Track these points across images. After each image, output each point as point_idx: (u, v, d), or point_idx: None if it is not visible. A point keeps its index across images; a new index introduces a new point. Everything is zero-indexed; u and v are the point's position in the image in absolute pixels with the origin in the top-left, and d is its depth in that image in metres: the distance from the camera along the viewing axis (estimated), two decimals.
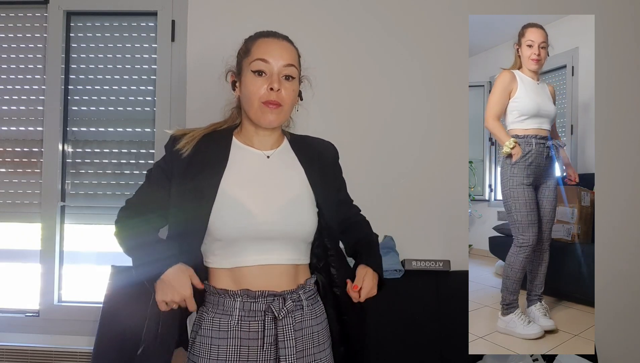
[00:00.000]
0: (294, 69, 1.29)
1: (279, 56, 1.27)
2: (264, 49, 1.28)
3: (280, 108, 1.27)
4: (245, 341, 1.22)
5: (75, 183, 2.26)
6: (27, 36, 2.27)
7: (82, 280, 2.25)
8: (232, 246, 1.24)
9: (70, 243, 2.25)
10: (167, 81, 2.21)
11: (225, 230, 1.22)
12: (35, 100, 2.26)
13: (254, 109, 1.28)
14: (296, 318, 1.26)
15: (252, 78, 1.27)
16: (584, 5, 2.17)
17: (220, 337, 1.22)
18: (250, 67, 1.27)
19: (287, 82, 1.28)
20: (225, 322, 1.23)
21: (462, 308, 1.92)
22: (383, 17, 2.18)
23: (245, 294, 1.23)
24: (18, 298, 2.27)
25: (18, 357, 2.12)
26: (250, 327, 1.23)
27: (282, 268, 1.26)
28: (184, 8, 2.20)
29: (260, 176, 1.29)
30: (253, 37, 1.34)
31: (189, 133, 1.33)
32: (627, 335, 2.12)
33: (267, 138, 1.34)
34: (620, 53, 2.16)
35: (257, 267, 1.24)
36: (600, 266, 2.07)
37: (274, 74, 1.26)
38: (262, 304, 1.23)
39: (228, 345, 1.22)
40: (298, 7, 2.18)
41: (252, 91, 1.27)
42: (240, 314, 1.23)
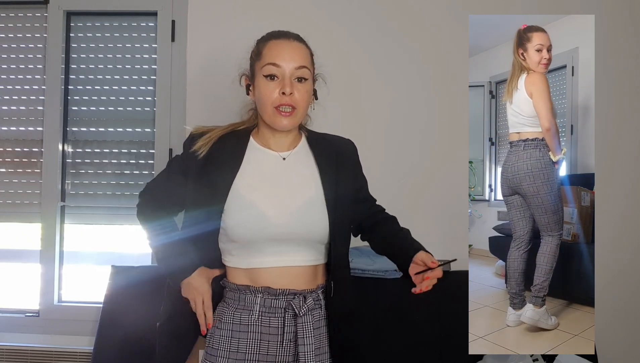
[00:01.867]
0: (307, 70, 1.29)
1: (290, 58, 1.27)
2: (275, 52, 1.27)
3: (295, 112, 1.27)
4: (266, 336, 1.24)
5: (75, 183, 2.26)
6: (27, 36, 2.27)
7: (82, 280, 2.25)
8: (248, 247, 1.25)
9: (70, 243, 2.25)
10: (167, 81, 2.21)
11: (240, 231, 1.23)
12: (35, 100, 2.26)
13: (268, 114, 1.28)
14: (315, 316, 1.27)
15: (264, 82, 1.27)
16: (584, 5, 2.17)
17: (241, 331, 1.24)
18: (262, 71, 1.27)
19: (299, 84, 1.27)
20: (245, 316, 1.24)
21: (462, 308, 1.92)
22: (383, 17, 2.18)
23: (266, 291, 1.24)
24: (18, 298, 2.27)
25: (18, 357, 2.12)
26: (270, 323, 1.24)
27: (300, 269, 1.27)
28: (184, 8, 2.20)
29: (275, 178, 1.30)
30: (264, 38, 1.33)
31: (207, 134, 1.33)
32: (627, 335, 2.13)
33: (283, 139, 1.34)
34: (620, 53, 2.16)
35: (275, 269, 1.25)
36: (600, 266, 2.07)
37: (285, 77, 1.26)
38: (283, 301, 1.24)
39: (248, 339, 1.23)
40: (298, 8, 2.18)
41: (265, 95, 1.26)
42: (261, 310, 1.24)
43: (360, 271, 1.97)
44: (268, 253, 1.25)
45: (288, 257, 1.26)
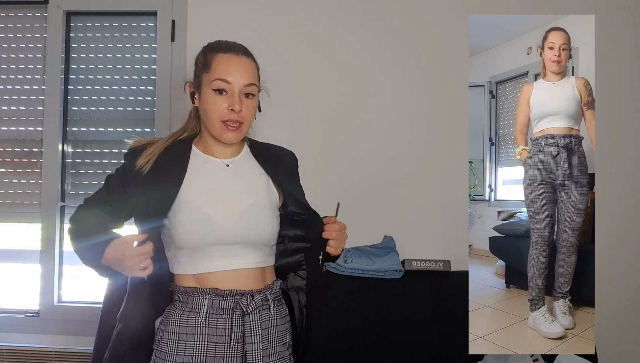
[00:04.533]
0: (254, 87, 1.30)
1: (240, 75, 1.27)
2: (224, 67, 1.27)
3: (241, 126, 1.29)
4: (213, 337, 1.24)
5: (75, 183, 2.26)
6: (27, 36, 2.27)
7: (82, 280, 2.25)
8: (196, 253, 1.26)
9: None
10: (167, 81, 2.21)
11: (187, 236, 1.24)
12: (35, 100, 2.26)
13: (214, 128, 1.29)
14: (263, 316, 1.27)
15: (213, 96, 1.27)
16: (584, 5, 2.17)
17: (188, 333, 1.24)
18: (210, 85, 1.27)
19: (247, 100, 1.29)
20: (192, 318, 1.24)
21: (462, 308, 1.92)
22: (383, 17, 2.18)
23: (213, 292, 1.25)
24: (18, 298, 2.27)
25: (18, 357, 2.12)
26: (217, 324, 1.25)
27: (247, 271, 1.29)
28: (184, 8, 2.20)
29: (219, 184, 1.31)
30: (212, 49, 1.32)
31: (149, 148, 1.32)
32: (627, 334, 2.12)
33: (226, 148, 1.36)
34: (620, 53, 2.16)
35: (223, 272, 1.27)
36: (600, 266, 2.07)
37: (235, 94, 1.26)
38: (231, 302, 1.25)
39: (195, 341, 1.23)
40: (297, 7, 2.18)
41: (212, 110, 1.27)
42: (208, 312, 1.25)
43: (360, 271, 1.97)
44: (215, 257, 1.26)
45: (235, 260, 1.27)
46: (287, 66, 2.15)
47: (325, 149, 2.15)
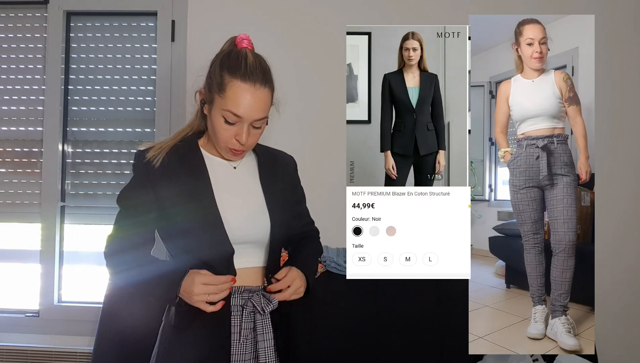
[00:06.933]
0: (265, 119, 1.28)
1: (254, 112, 1.23)
2: (239, 100, 1.22)
3: (245, 152, 1.32)
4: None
5: (75, 183, 2.26)
6: (27, 36, 2.27)
7: (82, 280, 2.25)
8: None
9: (70, 243, 2.25)
10: (167, 81, 2.21)
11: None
12: (35, 100, 2.26)
13: (219, 147, 1.31)
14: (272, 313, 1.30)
15: (221, 123, 1.25)
16: (584, 5, 2.17)
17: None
18: (221, 112, 1.24)
19: (254, 130, 1.28)
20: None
21: (462, 308, 1.92)
22: (383, 17, 2.18)
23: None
24: (18, 298, 2.27)
25: (18, 357, 2.12)
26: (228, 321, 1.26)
27: (256, 270, 1.32)
28: (184, 8, 2.20)
29: (229, 185, 1.33)
30: (231, 70, 1.24)
31: (157, 144, 1.35)
32: (627, 335, 2.12)
33: None
34: (620, 53, 2.16)
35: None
36: (600, 266, 2.07)
37: (244, 127, 1.25)
38: (239, 299, 1.27)
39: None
40: (297, 7, 2.18)
41: (219, 134, 1.26)
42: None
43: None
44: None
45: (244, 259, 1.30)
46: (287, 66, 2.14)
47: (325, 149, 2.15)
